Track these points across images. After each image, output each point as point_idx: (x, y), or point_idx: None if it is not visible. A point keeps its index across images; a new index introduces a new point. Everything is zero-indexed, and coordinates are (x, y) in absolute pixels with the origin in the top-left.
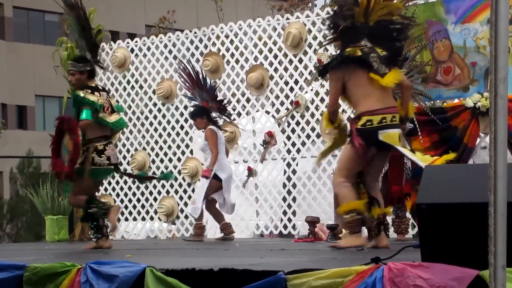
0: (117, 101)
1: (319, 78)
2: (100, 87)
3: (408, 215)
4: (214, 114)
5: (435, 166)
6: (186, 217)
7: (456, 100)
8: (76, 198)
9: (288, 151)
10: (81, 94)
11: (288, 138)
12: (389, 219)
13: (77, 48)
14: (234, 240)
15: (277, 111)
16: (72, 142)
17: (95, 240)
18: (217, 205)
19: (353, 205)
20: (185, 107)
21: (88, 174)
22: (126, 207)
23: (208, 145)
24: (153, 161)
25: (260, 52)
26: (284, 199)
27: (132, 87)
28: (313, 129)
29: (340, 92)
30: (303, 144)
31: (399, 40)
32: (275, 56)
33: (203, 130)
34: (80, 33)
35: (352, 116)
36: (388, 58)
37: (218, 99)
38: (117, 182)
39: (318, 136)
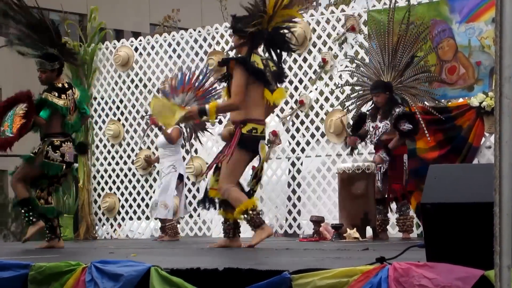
0: (121, 100)
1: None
2: (66, 84)
3: (412, 213)
4: None
5: (440, 166)
6: (191, 216)
7: (461, 100)
8: (18, 186)
9: (293, 150)
10: (49, 98)
11: (293, 137)
12: (393, 217)
13: (34, 48)
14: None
15: (282, 110)
16: (22, 120)
17: (47, 239)
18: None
19: (247, 204)
20: None
21: (38, 165)
22: (130, 206)
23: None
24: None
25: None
26: (289, 199)
27: (136, 86)
28: (317, 128)
29: (246, 86)
30: (308, 143)
31: (286, 48)
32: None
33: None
34: (32, 32)
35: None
36: (277, 74)
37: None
38: (122, 181)
39: (322, 135)
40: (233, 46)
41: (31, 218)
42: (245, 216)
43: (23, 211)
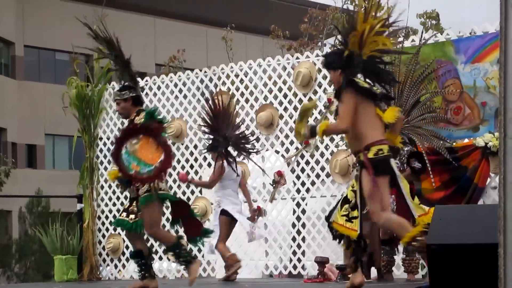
0: None
1: (331, 107)
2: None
3: (418, 254)
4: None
5: (445, 207)
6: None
7: (466, 140)
8: (161, 232)
9: (298, 191)
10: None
11: (298, 177)
12: (398, 258)
13: (120, 80)
14: (243, 280)
15: (287, 150)
16: (162, 152)
17: (140, 277)
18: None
19: (415, 230)
20: (195, 147)
21: (157, 200)
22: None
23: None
24: None
25: (270, 91)
26: (294, 239)
27: None
28: (322, 169)
29: (354, 109)
30: (313, 183)
31: (386, 80)
32: (285, 96)
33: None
34: (119, 64)
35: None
36: (384, 95)
37: (242, 135)
38: None
39: (327, 175)
40: (333, 83)
41: (143, 273)
42: (414, 243)
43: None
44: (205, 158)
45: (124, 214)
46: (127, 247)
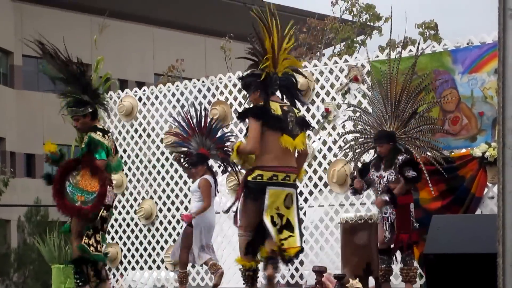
0: (124, 150)
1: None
2: (106, 129)
3: (416, 263)
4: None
5: (442, 216)
6: (193, 266)
7: (464, 150)
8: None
9: None
10: (96, 137)
11: None
12: (396, 268)
13: (70, 94)
14: None
15: None
16: (99, 179)
17: (94, 285)
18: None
19: (244, 262)
20: None
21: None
22: (133, 256)
23: (200, 194)
24: (160, 210)
25: None
26: None
27: (140, 136)
28: (320, 178)
29: (260, 133)
30: (311, 193)
31: (297, 95)
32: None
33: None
34: (65, 80)
35: None
36: (303, 120)
37: (225, 148)
38: (124, 231)
39: (325, 185)
40: (251, 103)
41: (78, 282)
42: (240, 269)
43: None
44: None
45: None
46: (125, 256)
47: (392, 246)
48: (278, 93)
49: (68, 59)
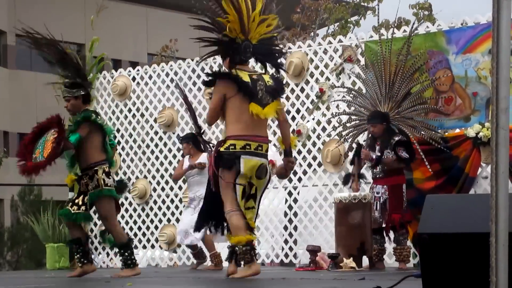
0: (118, 129)
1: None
2: (96, 111)
3: (409, 243)
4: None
5: (436, 196)
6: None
7: (458, 130)
8: (117, 228)
9: (290, 180)
10: (93, 115)
11: None
12: (389, 247)
13: (66, 78)
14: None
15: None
16: (53, 152)
17: (80, 265)
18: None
19: (246, 238)
20: None
21: (107, 195)
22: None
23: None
24: (154, 190)
25: None
26: (286, 228)
27: (134, 116)
28: (314, 158)
29: (220, 104)
30: (305, 173)
31: (272, 62)
32: None
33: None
34: (62, 65)
35: None
36: (274, 89)
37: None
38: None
39: (319, 165)
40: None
41: (82, 259)
42: (239, 247)
43: (76, 253)
44: None
45: (69, 204)
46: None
47: (383, 225)
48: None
49: (59, 44)
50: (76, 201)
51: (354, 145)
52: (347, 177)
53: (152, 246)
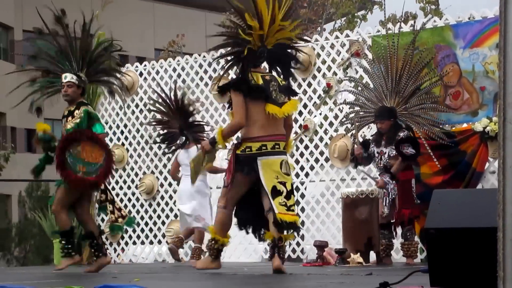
0: (125, 125)
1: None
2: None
3: (416, 238)
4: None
5: (443, 191)
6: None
7: (465, 125)
8: (62, 215)
9: (297, 175)
10: (90, 109)
11: (297, 162)
12: (397, 242)
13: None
14: (242, 264)
15: None
16: (104, 151)
17: (96, 259)
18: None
19: (218, 235)
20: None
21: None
22: (134, 230)
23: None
24: (161, 185)
25: None
26: None
27: (141, 111)
28: (321, 153)
29: (244, 103)
30: (312, 168)
31: (292, 66)
32: None
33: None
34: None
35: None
36: (287, 87)
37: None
38: (125, 206)
39: (326, 160)
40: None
41: (70, 251)
42: (209, 241)
43: (63, 242)
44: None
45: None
46: (126, 231)
47: (392, 221)
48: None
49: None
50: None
51: (360, 139)
52: (353, 159)
53: (159, 242)
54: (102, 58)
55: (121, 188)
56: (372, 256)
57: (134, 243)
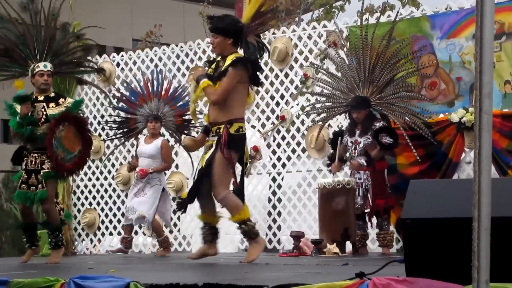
0: (102, 115)
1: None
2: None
3: (392, 228)
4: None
5: (420, 181)
6: (171, 231)
7: (441, 115)
8: (55, 210)
9: (274, 166)
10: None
11: (274, 152)
12: (372, 232)
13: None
14: (218, 255)
15: (263, 125)
16: (85, 140)
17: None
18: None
19: (245, 213)
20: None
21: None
22: (110, 221)
23: (161, 154)
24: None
25: None
26: (269, 214)
27: (118, 102)
28: (298, 144)
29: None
30: (289, 158)
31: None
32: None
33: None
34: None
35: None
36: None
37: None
38: (102, 197)
39: (303, 150)
40: (214, 48)
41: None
42: (243, 226)
43: (25, 235)
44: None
45: (25, 186)
46: (102, 222)
47: (366, 211)
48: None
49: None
50: (30, 181)
51: (330, 135)
52: (331, 158)
53: (136, 233)
54: (69, 49)
55: (97, 178)
56: (348, 246)
57: (111, 234)
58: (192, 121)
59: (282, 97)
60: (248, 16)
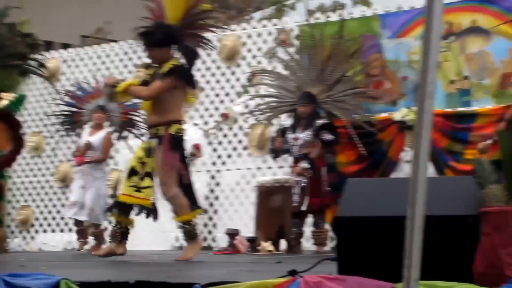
0: (45, 112)
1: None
2: None
3: (327, 226)
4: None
5: (357, 180)
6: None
7: (384, 114)
8: None
9: (214, 163)
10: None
11: (214, 150)
12: (308, 230)
13: None
14: (152, 252)
15: (206, 123)
16: (12, 142)
17: None
18: None
19: (192, 214)
20: None
21: None
22: (45, 218)
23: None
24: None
25: None
26: (205, 211)
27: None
28: (240, 142)
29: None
30: (229, 156)
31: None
32: (208, 68)
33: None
34: None
35: None
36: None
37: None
38: (38, 194)
39: (245, 148)
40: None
41: None
42: (186, 226)
43: None
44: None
45: None
46: (36, 219)
47: (303, 209)
48: None
49: None
50: None
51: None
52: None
53: (70, 230)
54: (9, 43)
55: (35, 175)
56: (283, 244)
57: (44, 231)
58: (138, 119)
59: (227, 94)
60: (176, 16)
